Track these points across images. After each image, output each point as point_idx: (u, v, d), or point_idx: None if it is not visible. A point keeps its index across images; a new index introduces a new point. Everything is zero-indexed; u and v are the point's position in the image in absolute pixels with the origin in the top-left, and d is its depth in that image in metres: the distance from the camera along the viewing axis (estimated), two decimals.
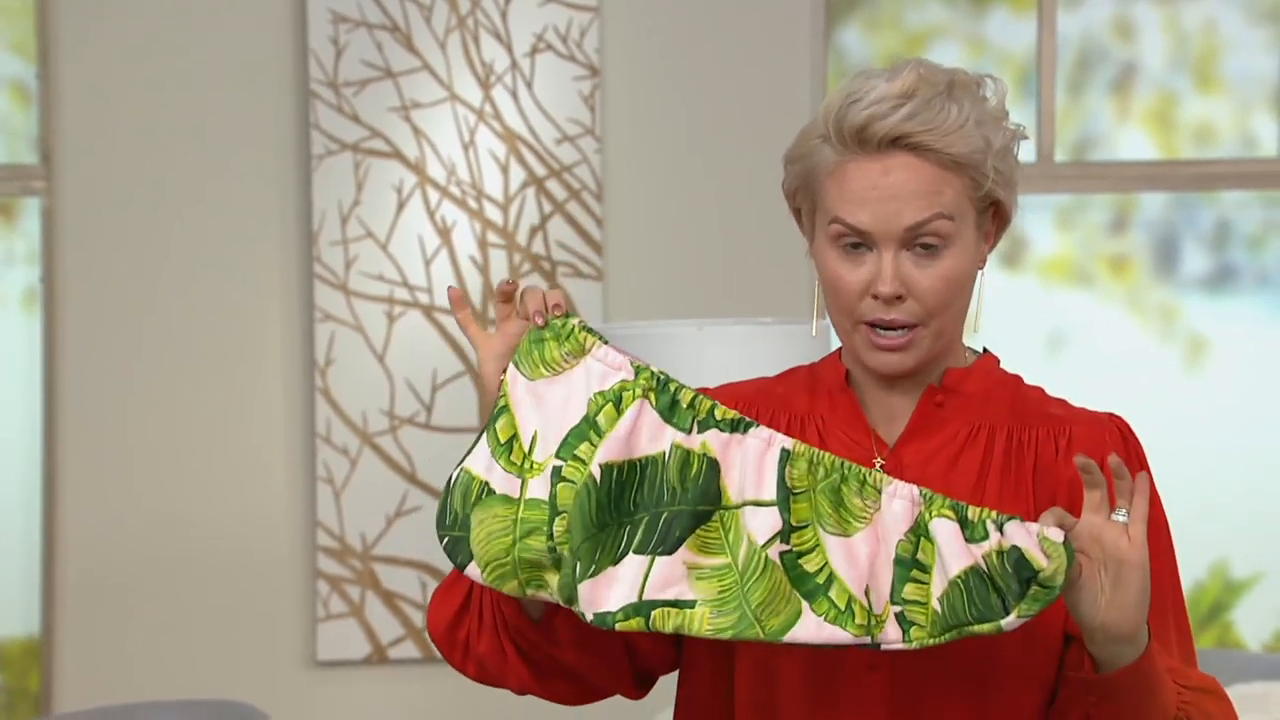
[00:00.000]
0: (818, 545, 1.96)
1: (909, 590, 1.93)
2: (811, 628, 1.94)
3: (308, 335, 4.72)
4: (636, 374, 2.01)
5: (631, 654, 2.14)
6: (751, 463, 1.98)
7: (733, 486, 1.98)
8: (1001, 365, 2.15)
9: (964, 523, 1.93)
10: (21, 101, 4.80)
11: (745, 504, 1.97)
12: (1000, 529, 1.92)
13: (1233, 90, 5.05)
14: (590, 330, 2.04)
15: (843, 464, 1.97)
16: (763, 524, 1.96)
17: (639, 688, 2.19)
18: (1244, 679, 4.02)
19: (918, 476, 2.05)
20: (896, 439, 2.10)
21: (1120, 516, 1.93)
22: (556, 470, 2.00)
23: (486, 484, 2.02)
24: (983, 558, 1.91)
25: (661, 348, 3.42)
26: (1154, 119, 5.06)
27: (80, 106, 4.69)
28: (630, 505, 1.98)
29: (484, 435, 2.03)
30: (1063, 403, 2.14)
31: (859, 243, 2.05)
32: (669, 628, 1.96)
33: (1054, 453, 2.08)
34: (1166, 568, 2.09)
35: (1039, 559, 1.89)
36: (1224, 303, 5.10)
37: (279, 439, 4.73)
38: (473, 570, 2.01)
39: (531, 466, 2.01)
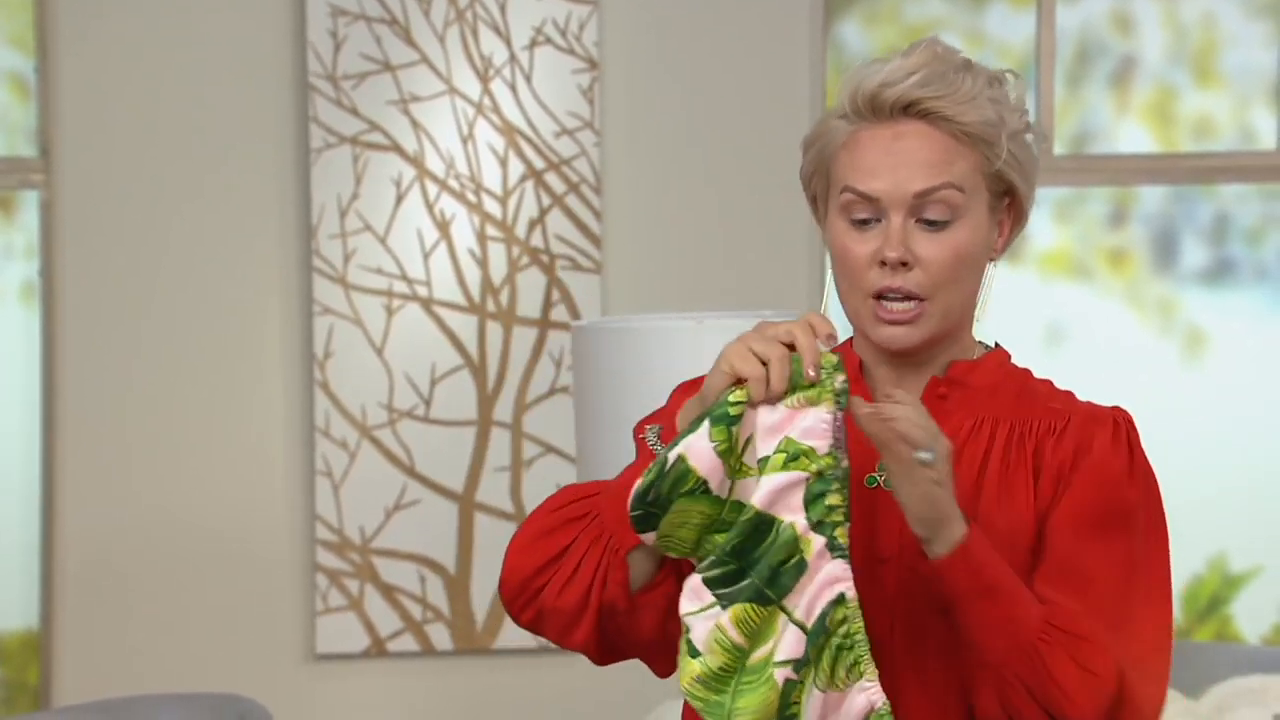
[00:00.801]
0: (805, 696, 2.02)
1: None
2: None
3: (306, 329, 4.72)
4: (828, 452, 2.02)
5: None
6: (816, 584, 2.02)
7: (799, 597, 2.02)
8: (1012, 360, 2.16)
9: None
10: (20, 95, 4.79)
11: (790, 618, 2.02)
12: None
13: (1231, 84, 5.05)
14: (839, 396, 2.02)
15: (862, 641, 2.02)
16: (790, 644, 2.01)
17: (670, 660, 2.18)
18: (1242, 672, 4.02)
19: None
20: None
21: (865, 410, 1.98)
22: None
23: (705, 481, 2.02)
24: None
25: (660, 341, 3.42)
26: (1153, 112, 5.06)
27: (79, 100, 4.69)
28: (729, 545, 2.03)
29: (710, 427, 2.02)
30: (1069, 396, 2.14)
31: (868, 217, 2.06)
32: (678, 655, 2.03)
33: (1052, 445, 2.08)
34: (1144, 543, 2.07)
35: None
36: (1223, 296, 5.10)
37: (278, 432, 4.73)
38: (649, 537, 2.04)
39: (741, 468, 2.03)
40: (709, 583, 2.02)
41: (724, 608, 2.02)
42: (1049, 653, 1.99)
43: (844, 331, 2.23)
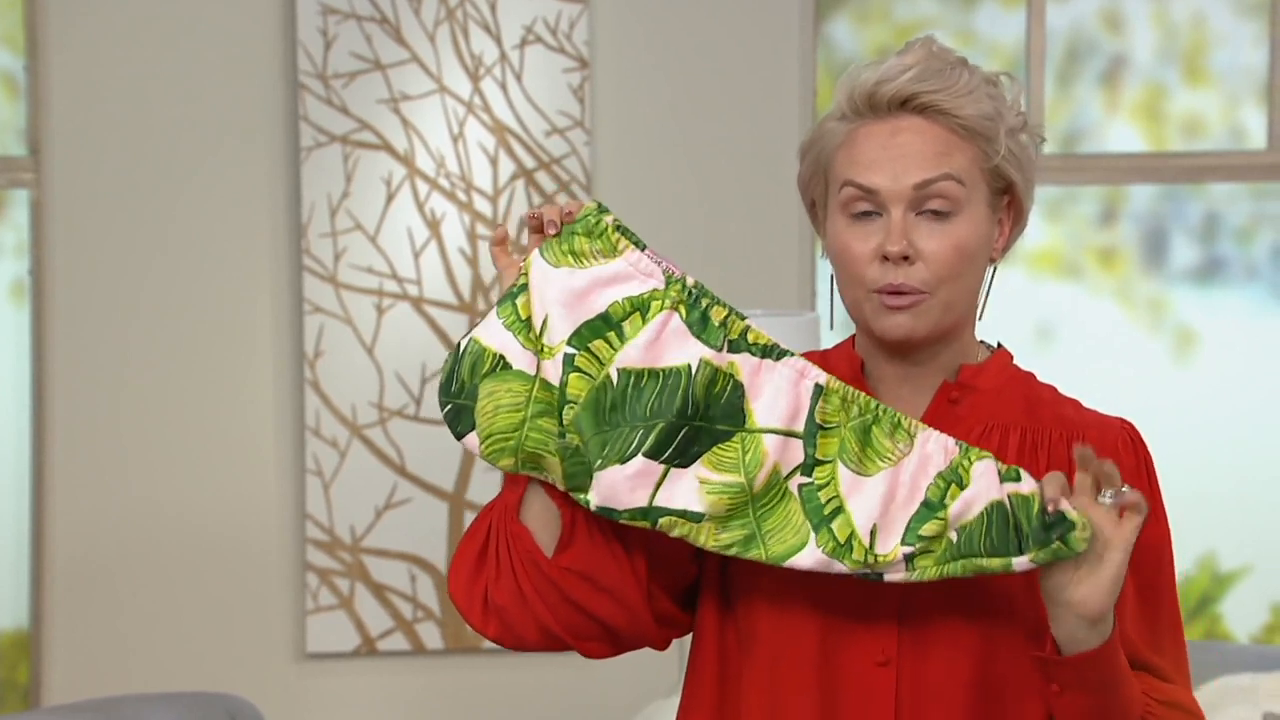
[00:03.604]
0: (833, 478, 1.98)
1: (927, 528, 1.95)
2: (812, 557, 1.97)
3: (297, 327, 4.72)
4: (668, 284, 2.02)
5: (650, 597, 2.11)
6: (784, 391, 2.00)
7: (759, 411, 2.00)
8: (1015, 362, 2.15)
9: (999, 467, 1.96)
10: (10, 93, 4.79)
11: (769, 430, 1.99)
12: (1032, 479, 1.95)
13: (1221, 83, 5.06)
14: (624, 231, 2.03)
15: (877, 405, 1.99)
16: (790, 455, 1.99)
17: (662, 634, 2.16)
18: (1232, 670, 4.03)
19: None
20: None
21: (1106, 499, 1.94)
22: (569, 358, 2.01)
23: (502, 357, 2.01)
24: (1009, 496, 1.93)
25: None
26: (1143, 111, 5.06)
27: (69, 99, 4.68)
28: (646, 411, 1.99)
29: (496, 309, 2.03)
30: (1076, 404, 2.13)
31: (869, 210, 2.06)
32: (674, 533, 1.99)
33: (1066, 455, 2.07)
34: (1166, 578, 2.10)
35: (1074, 515, 1.91)
36: (1213, 295, 5.10)
37: (268, 431, 4.73)
38: (470, 440, 2.02)
39: (543, 349, 2.01)
40: (650, 455, 1.98)
41: (685, 465, 1.98)
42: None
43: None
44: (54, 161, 4.69)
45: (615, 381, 1.99)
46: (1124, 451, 2.09)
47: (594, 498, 1.99)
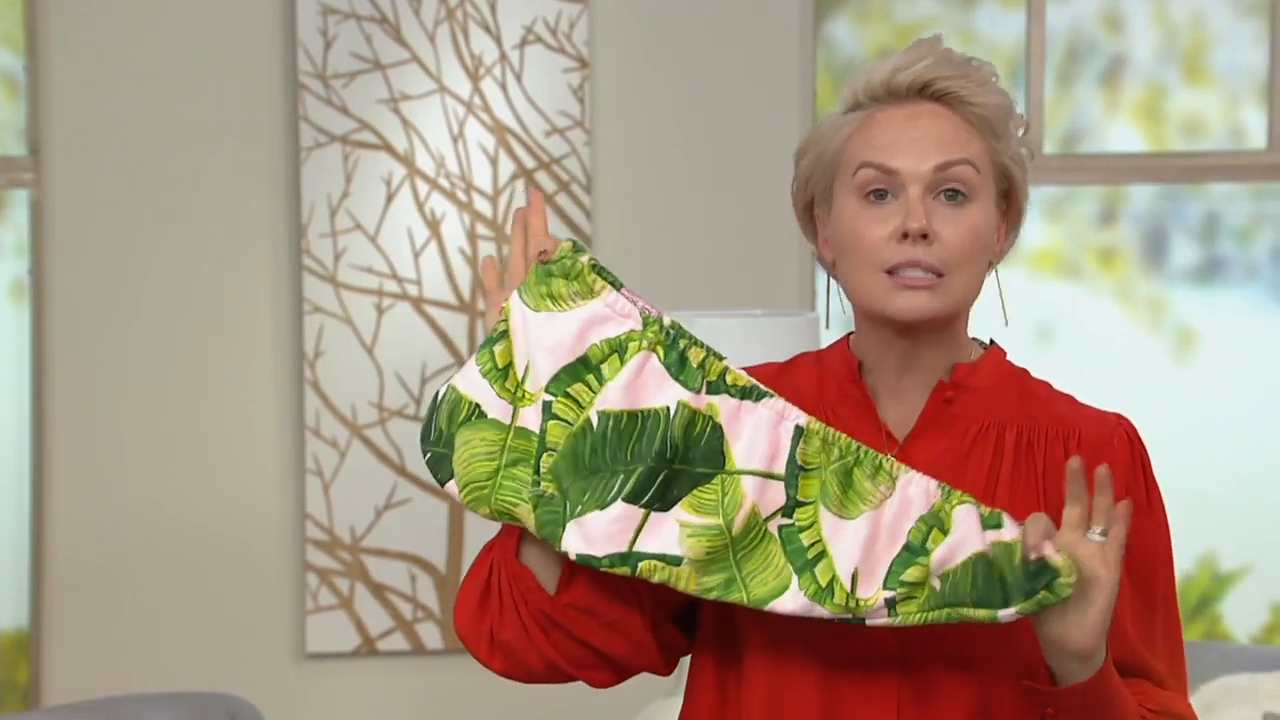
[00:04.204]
0: (815, 522, 1.97)
1: (909, 574, 1.94)
2: (794, 601, 1.96)
3: (297, 327, 4.72)
4: (645, 325, 2.01)
5: (654, 625, 2.10)
6: (763, 433, 1.99)
7: (738, 453, 1.99)
8: (1009, 358, 2.15)
9: (980, 512, 1.94)
10: (9, 93, 4.79)
11: (749, 472, 1.98)
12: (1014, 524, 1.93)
13: (1221, 83, 5.06)
14: (600, 272, 2.02)
15: (858, 447, 1.98)
16: (769, 497, 1.98)
17: (665, 659, 2.15)
18: (1231, 670, 4.03)
19: (927, 474, 2.03)
20: (907, 434, 2.08)
21: (1096, 536, 1.93)
22: (548, 405, 2.00)
23: (477, 406, 2.01)
24: (991, 545, 1.92)
25: None
26: (1143, 111, 5.06)
27: (69, 98, 4.68)
28: (627, 455, 1.99)
29: (475, 355, 2.03)
30: (1070, 400, 2.13)
31: (884, 190, 2.05)
32: (655, 579, 1.98)
33: (1063, 453, 2.07)
34: (1164, 578, 2.10)
35: (1058, 561, 1.89)
36: (1212, 295, 5.10)
37: (268, 431, 4.73)
38: (451, 488, 2.02)
39: (524, 396, 2.01)
40: (630, 500, 1.97)
41: (665, 509, 1.98)
42: None
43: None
44: (54, 161, 4.69)
45: (595, 425, 1.99)
46: (1119, 447, 2.08)
47: (573, 545, 1.98)
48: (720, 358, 2.01)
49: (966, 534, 1.93)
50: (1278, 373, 5.09)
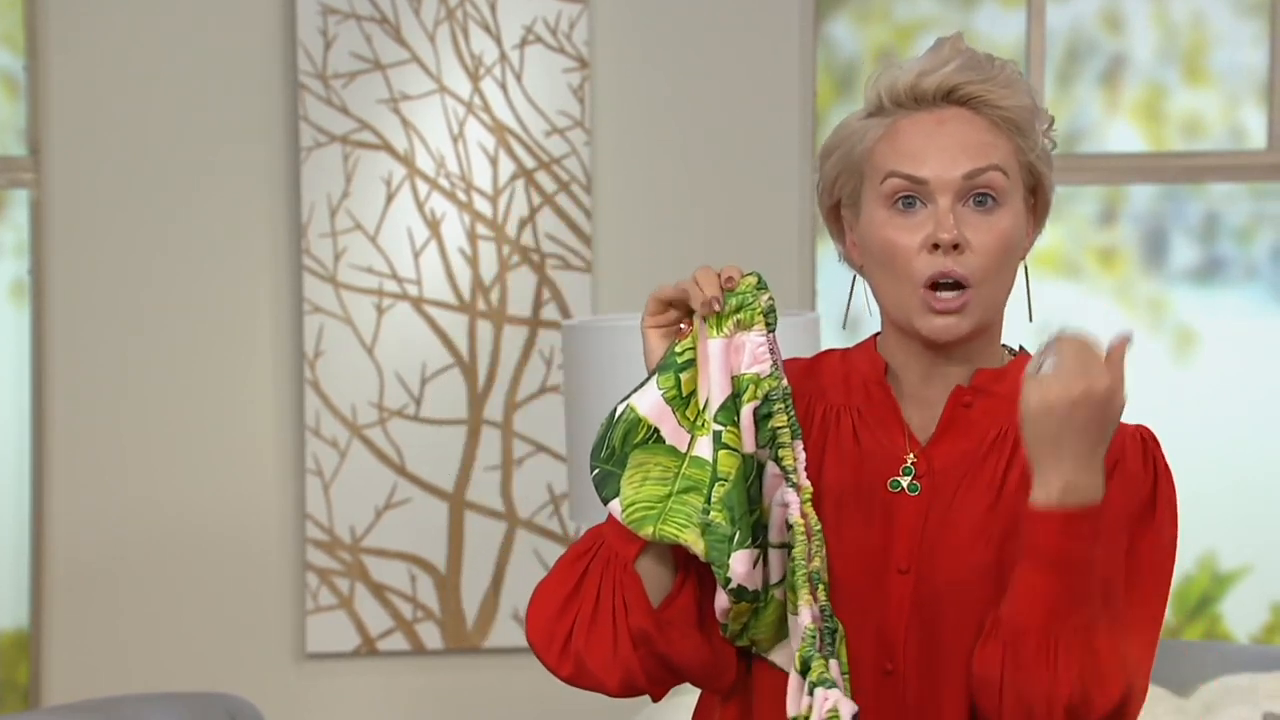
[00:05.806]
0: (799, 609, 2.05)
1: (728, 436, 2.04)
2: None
3: (297, 327, 4.72)
4: (770, 375, 2.03)
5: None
6: (776, 508, 2.05)
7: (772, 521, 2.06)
8: None
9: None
10: (9, 93, 4.79)
11: (771, 545, 2.05)
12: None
13: (1221, 83, 5.06)
14: (771, 313, 2.04)
15: (799, 569, 2.02)
16: (774, 563, 2.05)
17: (735, 674, 2.15)
18: (1231, 670, 4.02)
19: (945, 478, 2.05)
20: (929, 437, 2.08)
21: (1045, 368, 1.96)
22: (718, 435, 2.02)
23: (657, 430, 2.03)
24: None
25: None
26: (1143, 111, 5.06)
27: (69, 98, 4.68)
28: (758, 495, 2.05)
29: (657, 377, 2.03)
30: None
31: (913, 197, 2.04)
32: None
33: None
34: (1153, 582, 2.10)
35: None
36: (1213, 295, 5.10)
37: (268, 431, 4.73)
38: (614, 506, 2.02)
39: (703, 425, 2.02)
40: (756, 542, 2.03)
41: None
42: (1065, 652, 1.97)
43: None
44: (54, 161, 4.69)
45: (686, 454, 2.05)
46: (1132, 454, 2.08)
47: (731, 578, 2.01)
48: (796, 434, 2.03)
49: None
50: (1278, 373, 5.09)
